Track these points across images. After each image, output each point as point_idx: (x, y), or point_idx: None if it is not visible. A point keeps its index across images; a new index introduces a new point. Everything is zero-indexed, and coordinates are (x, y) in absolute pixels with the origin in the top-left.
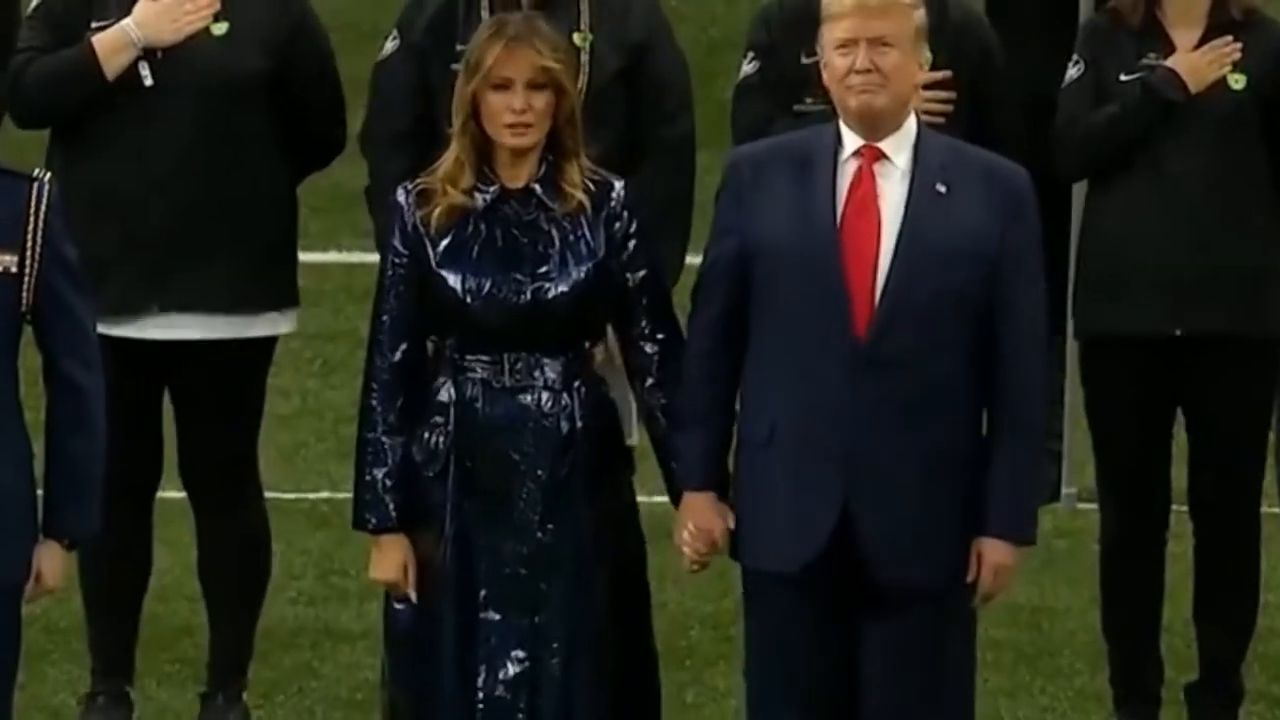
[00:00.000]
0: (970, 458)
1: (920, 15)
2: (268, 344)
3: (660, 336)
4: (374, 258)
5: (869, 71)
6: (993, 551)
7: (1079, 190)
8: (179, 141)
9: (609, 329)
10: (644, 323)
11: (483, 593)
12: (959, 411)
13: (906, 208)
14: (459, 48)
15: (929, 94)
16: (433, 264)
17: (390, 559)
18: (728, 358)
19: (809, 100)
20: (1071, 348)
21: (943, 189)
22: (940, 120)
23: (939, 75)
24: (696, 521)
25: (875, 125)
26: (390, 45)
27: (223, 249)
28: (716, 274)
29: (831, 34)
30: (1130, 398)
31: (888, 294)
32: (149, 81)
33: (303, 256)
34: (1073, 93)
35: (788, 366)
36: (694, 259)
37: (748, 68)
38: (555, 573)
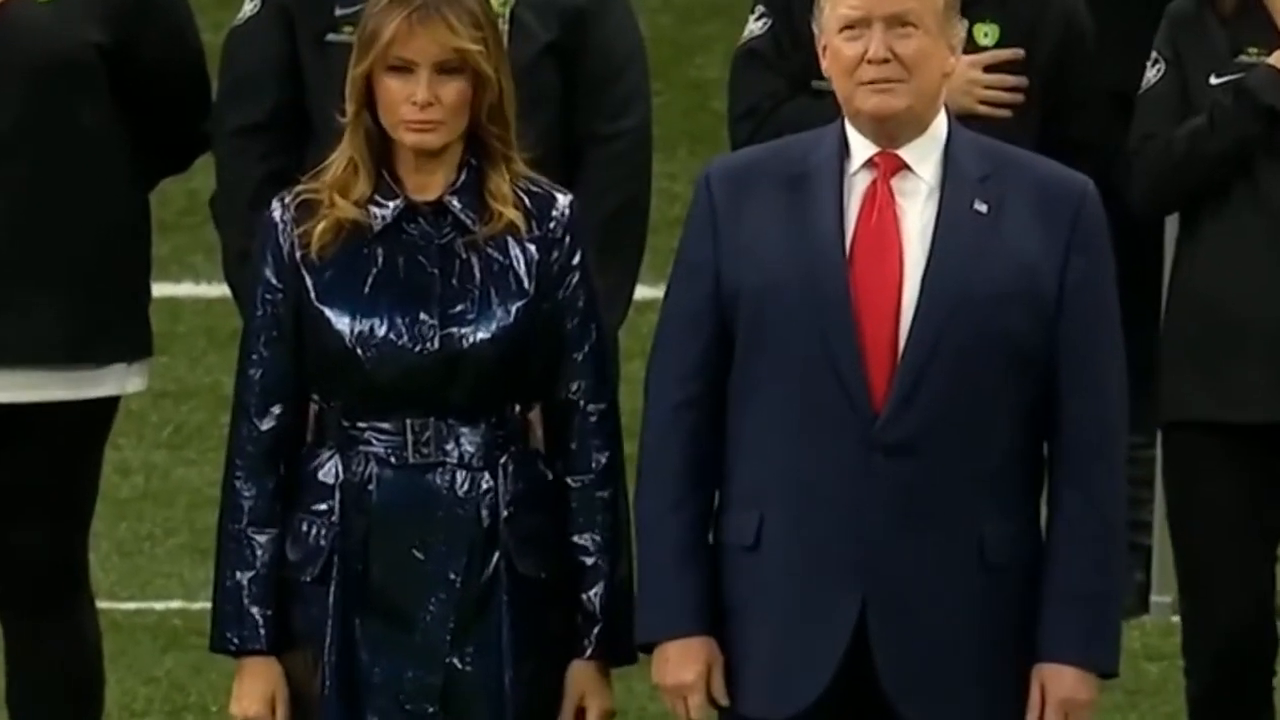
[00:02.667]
0: (1026, 562)
1: None
2: (108, 406)
3: (594, 409)
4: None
5: (886, 61)
6: (1059, 683)
7: (1174, 225)
8: None
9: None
10: (574, 385)
11: None
12: (1009, 502)
13: (936, 234)
14: (340, 10)
15: (990, 78)
16: (313, 300)
17: (256, 689)
18: (702, 434)
19: None
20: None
21: (983, 208)
22: (1005, 114)
23: (1006, 54)
24: (670, 679)
25: (895, 129)
26: (249, 6)
27: (54, 282)
28: (683, 323)
29: (835, 10)
30: (1226, 496)
31: (913, 350)
32: None
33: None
34: (1150, 101)
35: (781, 448)
36: (650, 291)
37: (755, 26)
38: (471, 712)
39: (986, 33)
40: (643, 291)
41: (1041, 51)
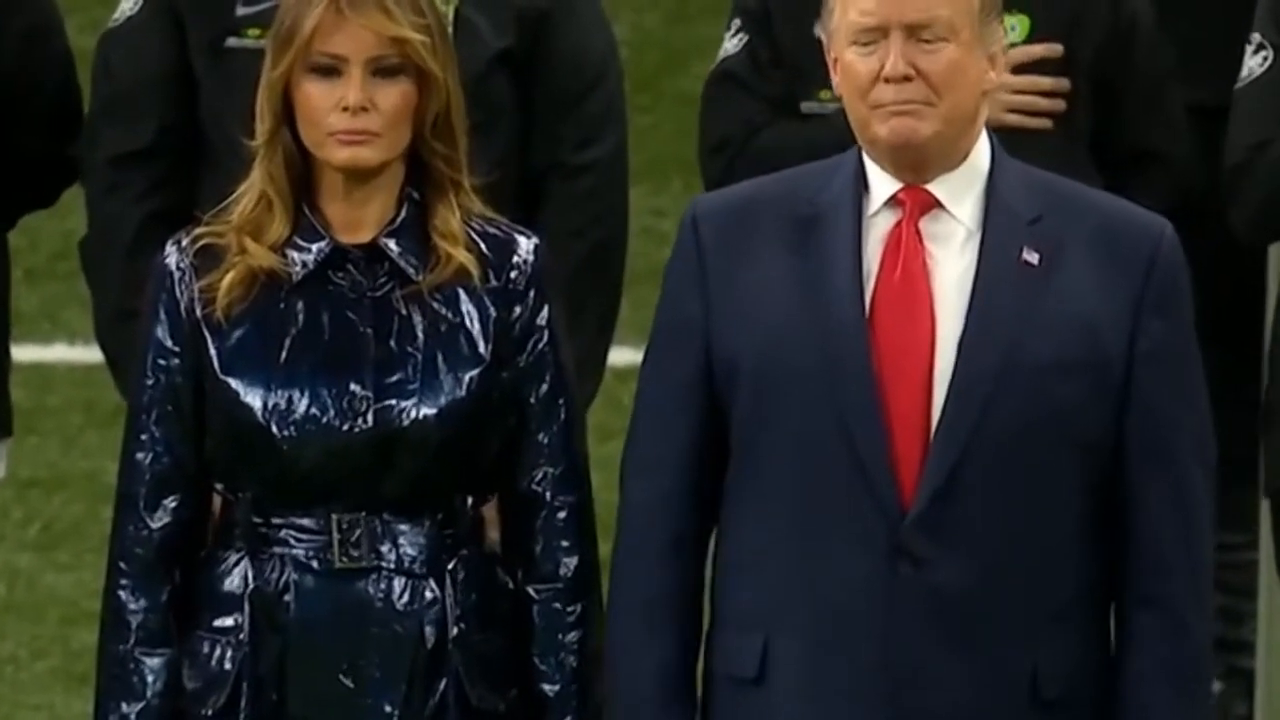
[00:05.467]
0: (1089, 698)
1: None
2: None
3: (562, 502)
4: None
5: (907, 80)
6: None
7: (1277, 257)
8: None
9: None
10: (537, 473)
11: None
12: (1067, 624)
13: (975, 289)
14: (243, 9)
15: (1020, 80)
16: (218, 368)
17: None
18: (689, 536)
19: (824, 95)
20: (1265, 509)
21: (1034, 257)
22: (1042, 125)
23: (1039, 50)
24: None
25: (921, 161)
26: (128, 4)
27: None
28: (665, 398)
29: (845, 16)
30: None
31: (948, 433)
32: None
33: (13, 351)
34: (1253, 98)
35: (788, 555)
36: (630, 355)
37: (729, 45)
38: None
39: (1014, 25)
40: (622, 356)
41: (1086, 45)
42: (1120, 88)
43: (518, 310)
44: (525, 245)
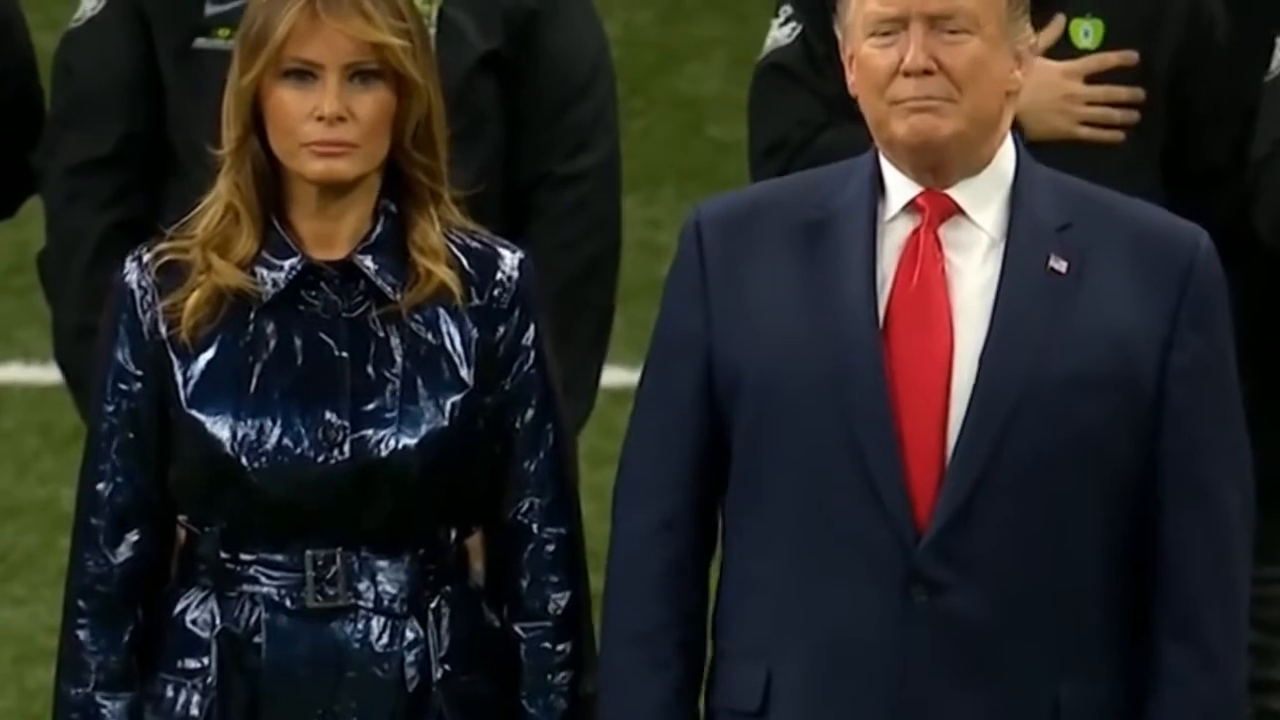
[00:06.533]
0: None
1: None
2: None
3: (551, 534)
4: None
5: (928, 74)
6: None
7: None
8: None
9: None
10: (525, 504)
11: None
12: (1092, 657)
13: (998, 301)
14: (212, 8)
15: (1094, 90)
16: (183, 397)
17: None
18: (688, 564)
19: None
20: None
21: (1061, 266)
22: (1115, 137)
23: (1114, 58)
24: None
25: (941, 163)
26: (91, 4)
27: None
28: (664, 418)
29: (863, 6)
30: None
31: (966, 453)
32: None
33: None
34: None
35: (794, 582)
36: (625, 375)
37: (779, 34)
38: None
39: (1087, 30)
40: (615, 377)
41: (1162, 54)
42: (1192, 98)
43: (502, 330)
44: (510, 260)
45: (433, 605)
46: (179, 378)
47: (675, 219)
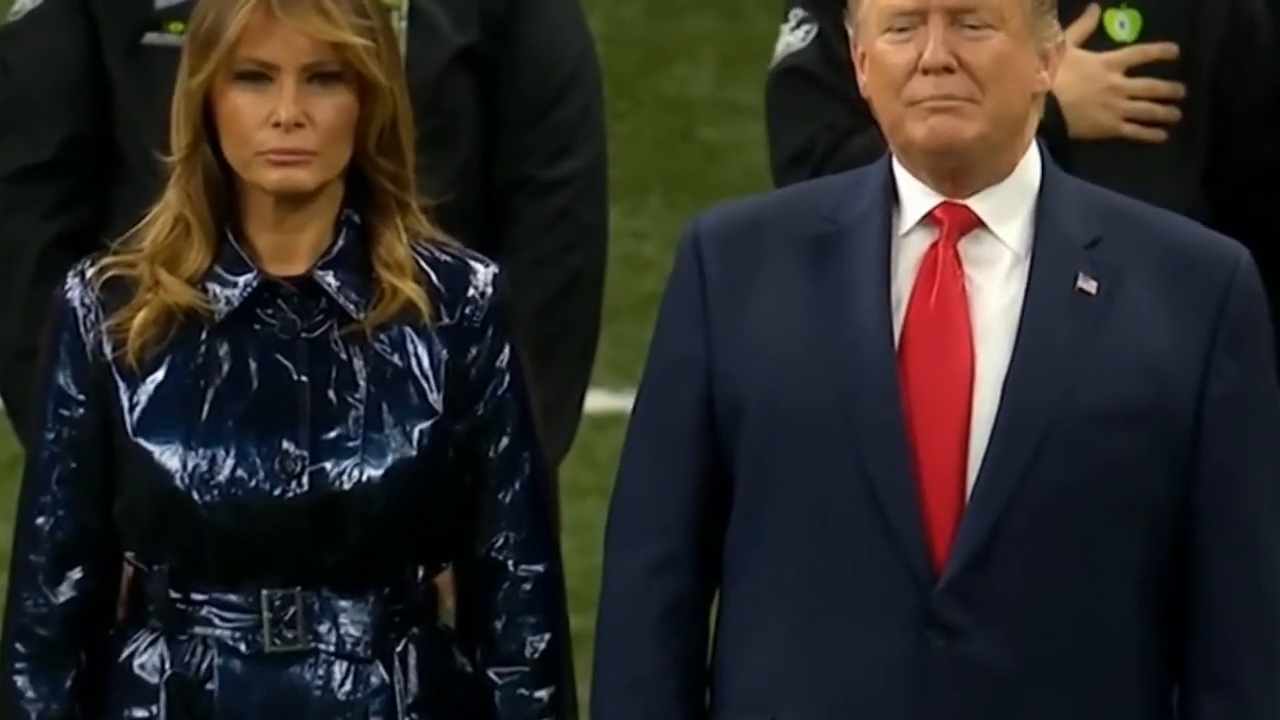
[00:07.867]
0: None
1: None
2: None
3: (528, 571)
4: None
5: (948, 71)
6: None
7: None
8: None
9: None
10: (498, 539)
11: None
12: (1124, 710)
13: (1023, 322)
14: (164, 1)
15: (1138, 85)
16: (129, 425)
17: None
18: (686, 607)
19: None
20: None
21: (1091, 286)
22: (1159, 136)
23: (1155, 50)
24: None
25: (962, 169)
26: None
27: None
28: (660, 447)
29: (876, 1)
30: None
31: (987, 487)
32: None
33: None
34: None
35: (800, 627)
36: (607, 400)
37: (793, 37)
38: None
39: (1123, 21)
40: (598, 402)
41: (1206, 48)
42: (1233, 95)
43: (474, 351)
44: (483, 275)
45: (399, 649)
46: (125, 403)
47: (661, 231)
